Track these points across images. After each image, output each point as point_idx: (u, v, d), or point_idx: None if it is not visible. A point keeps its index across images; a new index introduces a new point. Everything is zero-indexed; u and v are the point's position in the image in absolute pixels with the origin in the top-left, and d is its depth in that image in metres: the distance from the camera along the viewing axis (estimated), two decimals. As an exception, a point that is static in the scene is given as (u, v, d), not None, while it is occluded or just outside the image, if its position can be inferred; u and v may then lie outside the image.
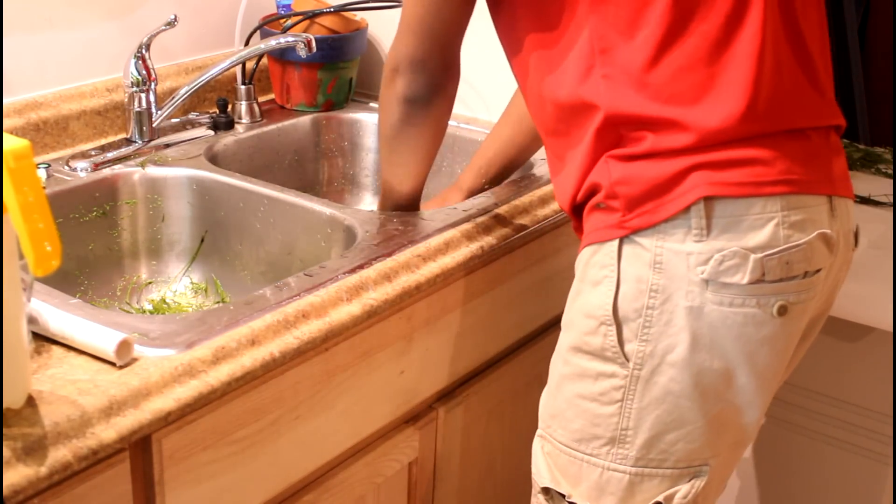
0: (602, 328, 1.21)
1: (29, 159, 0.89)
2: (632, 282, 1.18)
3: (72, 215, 1.53)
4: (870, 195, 2.00)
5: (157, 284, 1.63)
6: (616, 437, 1.22)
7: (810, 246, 1.18)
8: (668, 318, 1.17)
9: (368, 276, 1.31)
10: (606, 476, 1.24)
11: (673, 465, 1.23)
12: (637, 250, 1.18)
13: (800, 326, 1.23)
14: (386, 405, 1.39)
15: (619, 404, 1.21)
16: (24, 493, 0.95)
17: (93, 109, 1.67)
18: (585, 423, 1.24)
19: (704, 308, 1.16)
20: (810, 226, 1.18)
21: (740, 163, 1.15)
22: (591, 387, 1.23)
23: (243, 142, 1.78)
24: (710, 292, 1.16)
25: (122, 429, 1.02)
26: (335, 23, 1.86)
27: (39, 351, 1.10)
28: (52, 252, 0.90)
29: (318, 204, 1.53)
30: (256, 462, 1.21)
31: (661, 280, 1.17)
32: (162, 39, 1.66)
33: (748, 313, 1.16)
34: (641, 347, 1.19)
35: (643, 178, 1.17)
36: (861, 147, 2.22)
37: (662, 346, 1.18)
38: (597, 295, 1.21)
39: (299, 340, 1.20)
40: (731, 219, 1.15)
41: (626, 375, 1.20)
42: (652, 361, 1.19)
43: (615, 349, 1.20)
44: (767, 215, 1.16)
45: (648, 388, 1.20)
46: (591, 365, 1.22)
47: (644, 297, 1.18)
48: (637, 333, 1.18)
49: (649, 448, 1.22)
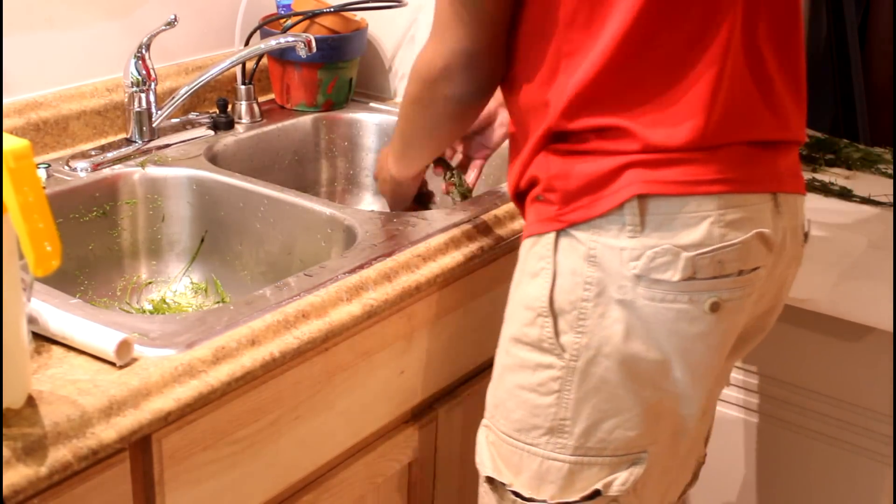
0: (539, 319, 1.22)
1: (29, 159, 0.89)
2: (567, 274, 1.20)
3: (72, 215, 1.53)
4: (870, 195, 2.00)
5: (157, 284, 1.63)
6: (555, 426, 1.23)
7: (745, 245, 1.18)
8: (603, 311, 1.18)
9: (368, 276, 1.31)
10: (546, 465, 1.25)
11: (612, 453, 1.24)
12: (573, 243, 1.19)
13: (736, 323, 1.23)
14: (386, 405, 1.39)
15: (557, 395, 1.22)
16: (24, 493, 0.95)
17: (93, 109, 1.67)
18: (525, 413, 1.25)
19: (636, 302, 1.17)
20: (747, 224, 1.18)
21: (676, 162, 1.16)
22: (529, 377, 1.24)
23: (243, 142, 1.78)
24: (642, 287, 1.16)
25: (122, 429, 1.02)
26: (335, 23, 1.86)
27: (39, 351, 1.10)
28: (52, 252, 0.90)
29: (318, 204, 1.53)
30: (256, 462, 1.21)
31: (596, 273, 1.18)
32: (162, 39, 1.66)
33: (680, 309, 1.17)
34: (577, 339, 1.20)
35: (580, 173, 1.18)
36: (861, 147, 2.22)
37: (598, 338, 1.19)
38: (534, 286, 1.22)
39: (299, 340, 1.20)
40: (665, 216, 1.16)
41: (563, 366, 1.21)
42: (587, 353, 1.20)
43: (552, 340, 1.21)
44: (702, 213, 1.16)
45: (585, 378, 1.21)
46: (530, 356, 1.24)
47: (579, 289, 1.19)
48: (573, 325, 1.20)
49: (587, 437, 1.23)
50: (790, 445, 1.91)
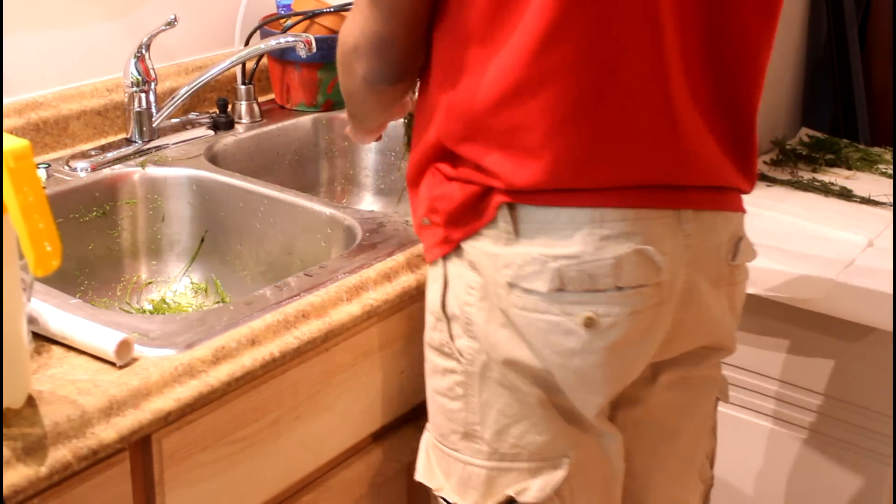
0: (439, 324, 1.23)
1: (29, 159, 0.89)
2: (455, 279, 1.20)
3: (72, 215, 1.53)
4: (870, 195, 2.01)
5: (157, 284, 1.63)
6: (468, 431, 1.23)
7: (619, 261, 1.13)
8: (487, 316, 1.18)
9: (368, 276, 1.31)
10: (468, 471, 1.24)
11: (527, 458, 1.22)
12: (458, 251, 1.20)
13: (627, 340, 1.16)
14: (386, 405, 1.39)
15: (464, 399, 1.22)
16: (24, 493, 0.95)
17: (93, 109, 1.67)
18: (443, 417, 1.25)
19: (510, 311, 1.16)
20: (627, 240, 1.14)
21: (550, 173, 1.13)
22: (440, 381, 1.25)
23: (243, 142, 1.78)
24: (515, 296, 1.15)
25: (122, 429, 1.02)
26: (335, 23, 1.86)
27: (39, 351, 1.10)
28: (52, 252, 0.90)
29: (318, 204, 1.53)
30: (256, 462, 1.21)
31: (477, 282, 1.18)
32: (162, 39, 1.66)
33: (552, 321, 1.15)
34: (470, 344, 1.20)
35: (459, 193, 1.18)
36: (861, 147, 2.22)
37: (487, 343, 1.19)
38: (432, 291, 1.24)
39: (299, 340, 1.20)
40: (538, 225, 1.15)
41: (462, 371, 1.21)
42: (480, 357, 1.20)
43: (450, 345, 1.22)
44: (575, 225, 1.13)
45: (484, 383, 1.20)
46: (438, 360, 1.24)
47: (464, 294, 1.19)
48: (464, 330, 1.20)
49: (499, 441, 1.22)
50: (790, 445, 1.91)
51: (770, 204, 1.97)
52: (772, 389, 1.91)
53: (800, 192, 2.04)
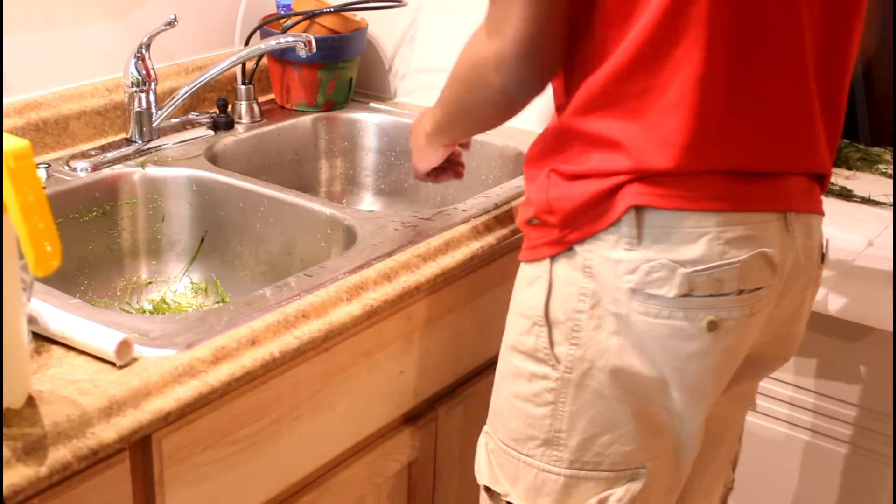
0: (535, 328, 1.20)
1: (29, 159, 0.89)
2: (563, 284, 1.17)
3: (72, 215, 1.53)
4: (870, 195, 2.00)
5: (157, 284, 1.63)
6: (550, 438, 1.21)
7: (745, 265, 1.14)
8: (598, 324, 1.16)
9: (368, 276, 1.31)
10: (542, 477, 1.23)
11: (608, 467, 1.21)
12: (569, 254, 1.17)
13: (738, 344, 1.18)
14: (386, 405, 1.39)
15: (552, 406, 1.20)
16: (24, 493, 0.95)
17: (93, 109, 1.67)
18: (521, 423, 1.23)
19: (630, 317, 1.14)
20: (750, 243, 1.14)
21: (675, 177, 1.12)
22: (525, 387, 1.22)
23: (243, 142, 1.78)
24: (637, 302, 1.14)
25: (122, 429, 1.02)
26: (335, 23, 1.86)
27: (39, 351, 1.10)
28: (52, 252, 0.90)
29: (318, 204, 1.53)
30: (256, 462, 1.21)
31: (591, 285, 1.16)
32: (162, 39, 1.66)
33: (675, 326, 1.14)
34: (571, 351, 1.18)
35: (580, 193, 1.15)
36: (861, 147, 2.22)
37: (592, 351, 1.17)
38: (530, 294, 1.21)
39: (299, 340, 1.20)
40: (663, 230, 1.13)
41: (557, 378, 1.19)
42: (582, 365, 1.17)
43: (546, 350, 1.19)
44: (701, 230, 1.12)
45: (580, 391, 1.18)
46: (525, 365, 1.22)
47: (574, 300, 1.17)
48: (567, 336, 1.18)
49: (583, 450, 1.20)
50: (790, 445, 1.91)
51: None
52: (772, 389, 1.91)
53: (800, 192, 2.04)
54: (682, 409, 1.19)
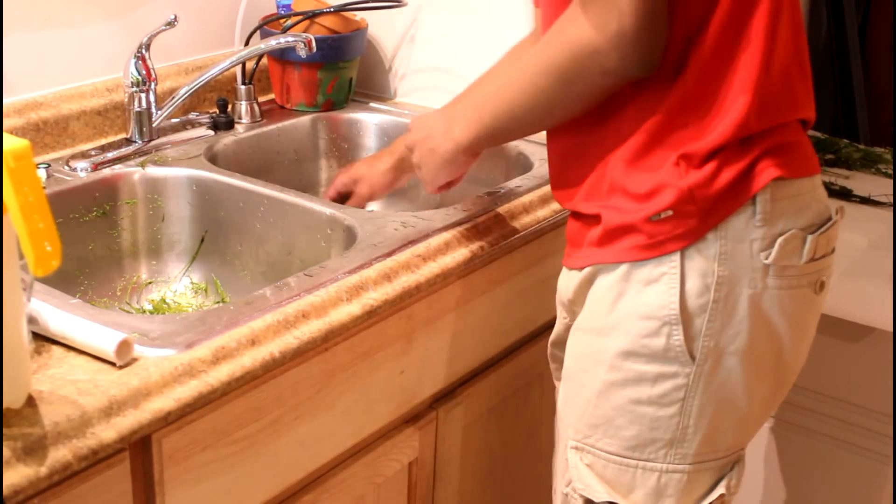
0: (665, 328, 1.16)
1: (29, 159, 0.89)
2: (696, 277, 1.15)
3: (72, 215, 1.53)
4: (870, 195, 2.00)
5: (157, 284, 1.63)
6: (675, 437, 1.20)
7: (836, 223, 1.21)
8: (731, 309, 1.16)
9: (368, 276, 1.31)
10: (665, 479, 1.21)
11: (724, 453, 1.23)
12: (700, 244, 1.14)
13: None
14: (386, 405, 1.39)
15: (681, 404, 1.18)
16: (24, 493, 0.95)
17: (93, 109, 1.67)
18: (642, 428, 1.20)
19: (764, 294, 1.16)
20: (826, 201, 1.21)
21: (791, 145, 1.17)
22: (648, 391, 1.19)
23: (243, 142, 1.78)
24: (771, 277, 1.16)
25: (122, 429, 1.02)
26: (335, 23, 1.86)
27: (39, 351, 1.10)
28: (52, 252, 0.90)
29: (318, 204, 1.53)
30: (256, 462, 1.21)
31: (725, 272, 1.15)
32: (162, 39, 1.66)
33: (800, 294, 1.18)
34: (706, 343, 1.16)
35: (721, 176, 1.13)
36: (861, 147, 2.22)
37: (725, 338, 1.16)
38: (655, 294, 1.16)
39: (299, 340, 1.20)
40: (789, 200, 1.16)
41: (688, 373, 1.17)
42: (715, 355, 1.17)
43: (680, 348, 1.16)
44: (812, 194, 1.18)
45: (709, 381, 1.18)
46: (649, 368, 1.18)
47: (710, 291, 1.15)
48: (701, 330, 1.16)
49: (707, 442, 1.20)
50: (790, 445, 1.91)
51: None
52: (772, 389, 1.91)
53: (800, 192, 2.04)
54: (787, 377, 1.23)
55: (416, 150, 1.39)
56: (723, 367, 1.17)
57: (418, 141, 1.38)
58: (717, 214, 1.14)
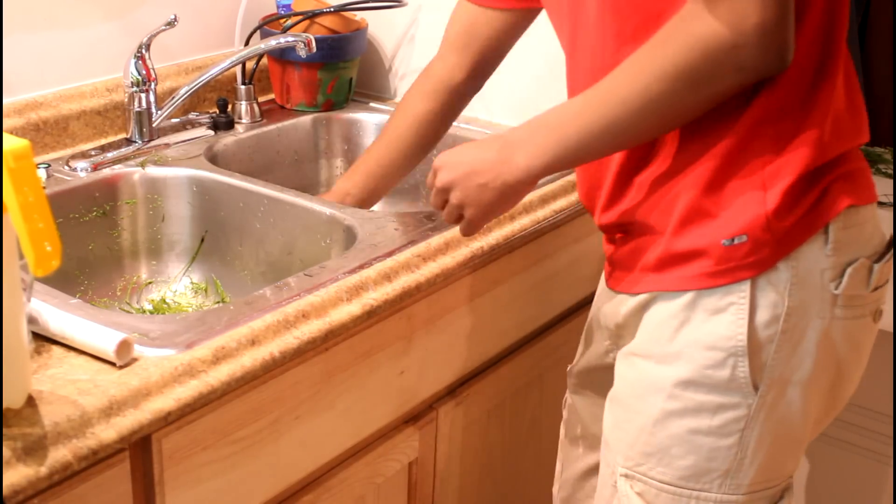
0: (731, 360, 1.13)
1: (29, 159, 0.89)
2: (766, 308, 1.12)
3: (72, 215, 1.53)
4: (870, 195, 2.00)
5: (157, 284, 1.63)
6: (731, 468, 1.17)
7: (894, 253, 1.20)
8: (798, 340, 1.13)
9: (368, 276, 1.31)
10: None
11: (775, 483, 1.21)
12: (771, 273, 1.11)
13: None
14: (386, 405, 1.39)
15: (740, 434, 1.16)
16: (24, 493, 0.95)
17: (93, 109, 1.67)
18: (699, 458, 1.17)
19: (832, 324, 1.14)
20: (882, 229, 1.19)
21: (858, 171, 1.16)
22: (708, 421, 1.16)
23: (243, 142, 1.78)
24: (839, 307, 1.14)
25: (122, 429, 1.02)
26: (335, 23, 1.86)
27: (39, 351, 1.10)
28: (52, 252, 0.90)
29: (318, 204, 1.53)
30: (256, 462, 1.21)
31: (794, 302, 1.12)
32: (162, 39, 1.66)
33: (862, 323, 1.17)
34: (770, 374, 1.14)
35: (799, 203, 1.10)
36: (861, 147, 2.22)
37: (789, 368, 1.14)
38: (722, 325, 1.13)
39: (299, 340, 1.20)
40: (858, 228, 1.14)
41: (751, 404, 1.15)
42: (779, 385, 1.15)
43: (744, 379, 1.14)
44: (874, 221, 1.17)
45: (771, 412, 1.16)
46: (710, 398, 1.15)
47: (779, 322, 1.12)
48: (767, 361, 1.13)
49: (762, 472, 1.18)
50: (790, 445, 1.91)
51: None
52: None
53: (800, 192, 2.04)
54: (841, 404, 1.23)
55: (458, 189, 1.24)
56: (785, 397, 1.15)
57: (458, 179, 1.23)
58: (791, 243, 1.11)
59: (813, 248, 1.12)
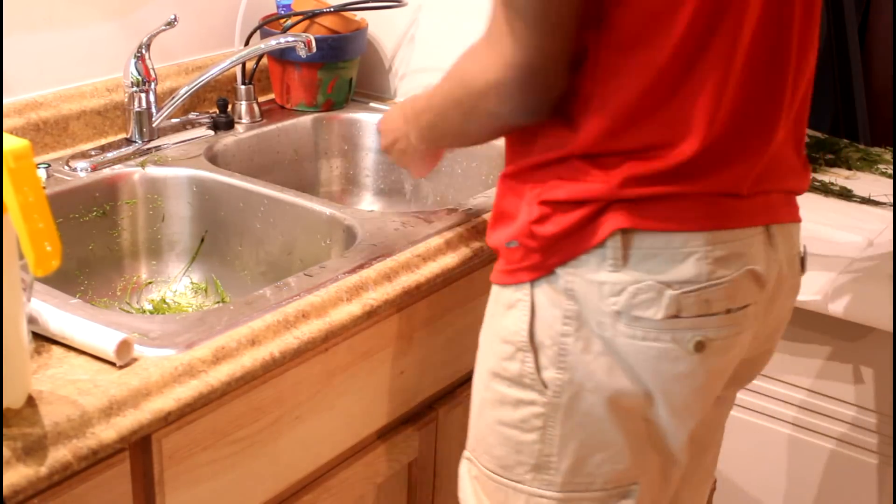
0: (519, 354, 1.16)
1: (29, 159, 0.89)
2: (546, 308, 1.14)
3: (72, 215, 1.53)
4: (870, 195, 2.01)
5: (157, 284, 1.63)
6: (540, 463, 1.18)
7: (734, 284, 1.12)
8: (585, 346, 1.13)
9: (368, 276, 1.31)
10: (533, 502, 1.20)
11: (601, 486, 1.19)
12: (550, 277, 1.14)
13: (725, 362, 1.17)
14: (386, 405, 1.39)
15: (541, 431, 1.17)
16: (24, 493, 0.95)
17: (93, 109, 1.67)
18: (509, 449, 1.20)
19: (616, 340, 1.12)
20: (737, 261, 1.12)
21: (661, 197, 1.10)
22: (511, 414, 1.18)
23: (243, 142, 1.78)
24: (622, 325, 1.11)
25: (122, 429, 1.02)
26: (335, 23, 1.86)
27: (39, 351, 1.10)
28: (52, 252, 0.90)
29: (318, 204, 1.53)
30: (256, 462, 1.21)
31: (575, 307, 1.12)
32: (162, 39, 1.66)
33: (662, 348, 1.12)
34: (559, 375, 1.14)
35: (564, 219, 1.12)
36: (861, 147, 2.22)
37: (580, 374, 1.14)
38: (512, 319, 1.17)
39: (299, 340, 1.20)
40: (649, 251, 1.10)
41: (545, 403, 1.16)
42: (571, 389, 1.15)
43: (533, 376, 1.16)
44: (688, 250, 1.10)
45: (570, 414, 1.16)
46: (511, 392, 1.18)
47: (558, 323, 1.13)
48: (553, 361, 1.14)
49: (575, 472, 1.18)
50: (790, 445, 1.91)
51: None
52: (772, 389, 1.91)
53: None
54: (668, 427, 1.18)
55: (392, 154, 1.44)
56: (583, 402, 1.15)
57: (388, 146, 1.43)
58: (562, 253, 1.12)
59: (592, 260, 1.11)
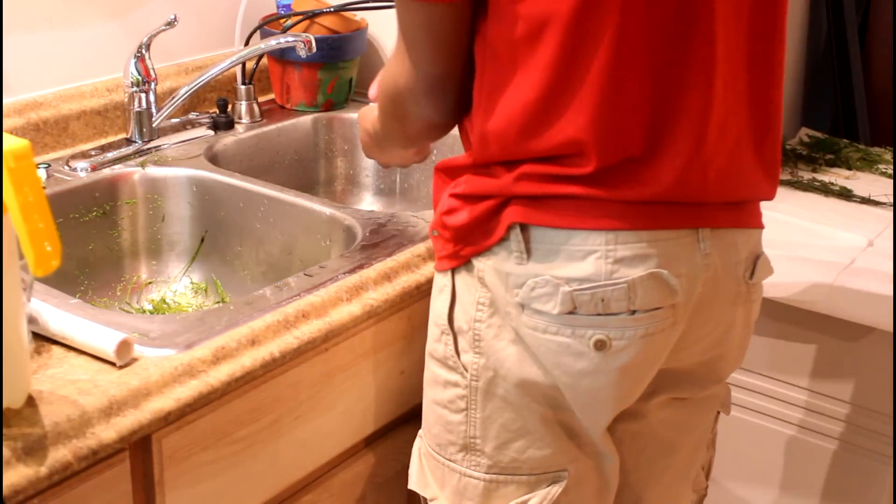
0: (444, 337, 1.21)
1: (29, 159, 0.89)
2: (464, 293, 1.19)
3: (72, 215, 1.53)
4: (870, 195, 2.01)
5: (157, 284, 1.63)
6: (467, 444, 1.22)
7: (633, 285, 1.10)
8: (497, 333, 1.16)
9: (368, 276, 1.31)
10: (464, 482, 1.23)
11: (528, 471, 1.21)
12: (467, 266, 1.18)
13: (638, 362, 1.15)
14: (386, 405, 1.39)
15: (465, 413, 1.21)
16: (24, 493, 0.95)
17: (93, 109, 1.67)
18: (442, 428, 1.24)
19: (521, 330, 1.14)
20: (644, 262, 1.11)
21: (561, 196, 1.11)
22: (441, 393, 1.23)
23: (243, 142, 1.78)
24: (525, 316, 1.14)
25: (122, 429, 1.02)
26: (335, 23, 1.86)
27: (39, 351, 1.10)
28: (52, 252, 0.90)
29: (318, 204, 1.53)
30: (256, 462, 1.21)
31: (489, 294, 1.16)
32: (162, 39, 1.66)
33: (562, 342, 1.13)
34: (476, 360, 1.18)
35: (468, 212, 1.16)
36: (861, 147, 2.22)
37: (494, 360, 1.17)
38: (440, 303, 1.22)
39: (299, 340, 1.20)
40: (550, 247, 1.12)
41: (466, 385, 1.20)
42: (486, 374, 1.18)
43: (454, 359, 1.20)
44: (587, 248, 1.10)
45: (488, 398, 1.19)
46: (440, 372, 1.23)
47: (473, 309, 1.18)
48: (471, 345, 1.18)
49: (500, 455, 1.21)
50: (791, 445, 1.91)
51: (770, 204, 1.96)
52: (772, 389, 1.91)
53: (800, 192, 2.04)
54: (581, 420, 1.19)
55: (366, 151, 1.45)
56: (499, 388, 1.18)
57: (364, 145, 1.45)
58: (474, 244, 1.16)
59: (501, 252, 1.14)
